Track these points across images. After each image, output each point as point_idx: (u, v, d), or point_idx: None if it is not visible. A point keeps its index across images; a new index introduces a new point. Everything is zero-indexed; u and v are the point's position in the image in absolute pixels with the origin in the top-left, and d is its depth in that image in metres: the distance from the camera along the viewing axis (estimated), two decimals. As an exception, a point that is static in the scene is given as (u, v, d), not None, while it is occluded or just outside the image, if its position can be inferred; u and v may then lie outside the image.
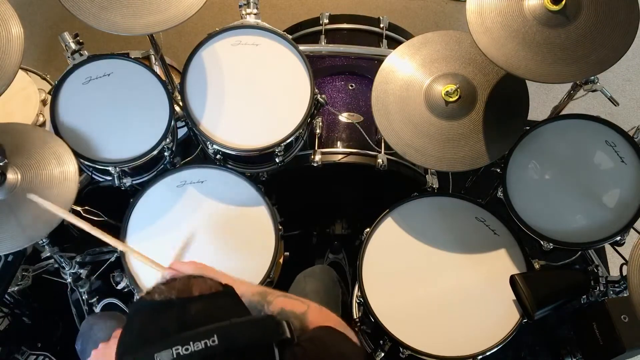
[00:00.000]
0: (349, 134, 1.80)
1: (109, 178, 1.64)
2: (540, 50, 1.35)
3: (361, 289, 1.52)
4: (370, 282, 1.53)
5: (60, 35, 1.62)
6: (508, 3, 1.38)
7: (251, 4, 1.72)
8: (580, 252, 1.78)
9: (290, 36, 1.69)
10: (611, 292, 1.65)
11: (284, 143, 1.60)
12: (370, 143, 1.73)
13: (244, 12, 1.72)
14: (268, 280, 1.52)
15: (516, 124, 1.55)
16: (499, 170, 1.63)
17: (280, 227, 1.59)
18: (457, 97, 1.54)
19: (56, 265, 1.73)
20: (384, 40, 1.94)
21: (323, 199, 2.01)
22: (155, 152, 1.60)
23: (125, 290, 1.54)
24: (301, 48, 1.67)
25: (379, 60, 1.78)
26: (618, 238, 1.53)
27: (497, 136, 1.53)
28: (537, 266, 1.56)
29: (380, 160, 1.69)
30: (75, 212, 1.55)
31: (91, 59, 1.64)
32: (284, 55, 1.67)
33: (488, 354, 1.44)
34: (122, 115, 1.62)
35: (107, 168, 1.59)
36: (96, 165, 1.59)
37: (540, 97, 2.44)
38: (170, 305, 0.75)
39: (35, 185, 1.40)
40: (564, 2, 1.34)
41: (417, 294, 1.52)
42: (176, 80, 1.88)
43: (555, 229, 1.55)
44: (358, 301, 1.61)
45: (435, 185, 1.78)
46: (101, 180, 1.68)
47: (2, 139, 1.42)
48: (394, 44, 1.92)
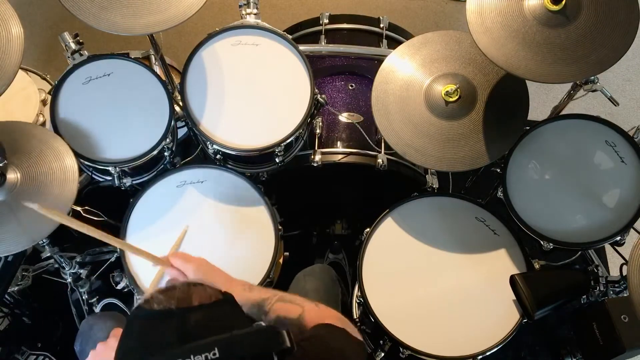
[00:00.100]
0: (349, 134, 1.80)
1: (109, 178, 1.64)
2: (540, 50, 1.35)
3: (361, 289, 1.52)
4: (370, 282, 1.53)
5: (60, 35, 1.62)
6: (508, 3, 1.38)
7: (251, 4, 1.72)
8: (580, 252, 1.78)
9: (290, 36, 1.69)
10: (611, 292, 1.65)
11: (284, 143, 1.60)
12: (370, 143, 1.73)
13: (244, 12, 1.73)
14: (268, 280, 1.52)
15: (516, 124, 1.55)
16: (499, 170, 1.63)
17: (280, 227, 1.59)
18: (457, 97, 1.54)
19: (56, 265, 1.73)
20: (384, 40, 1.94)
21: (323, 199, 2.01)
22: (155, 152, 1.60)
23: (125, 290, 1.55)
24: (301, 48, 1.67)
25: (379, 60, 1.78)
26: (618, 238, 1.53)
27: (497, 136, 1.53)
28: (537, 266, 1.56)
29: (380, 160, 1.69)
30: (75, 212, 1.55)
31: (91, 59, 1.64)
32: (284, 55, 1.67)
33: (488, 354, 1.44)
34: (122, 115, 1.62)
35: (107, 168, 1.59)
36: (96, 165, 1.59)
37: (540, 97, 2.44)
38: (169, 315, 0.73)
39: (35, 185, 1.40)
40: (564, 2, 1.34)
41: (417, 294, 1.52)
42: (176, 80, 1.88)
43: (555, 229, 1.55)
44: (358, 301, 1.61)
45: (435, 185, 1.78)
46: (101, 180, 1.68)
47: (2, 139, 1.42)
48: (394, 44, 1.92)
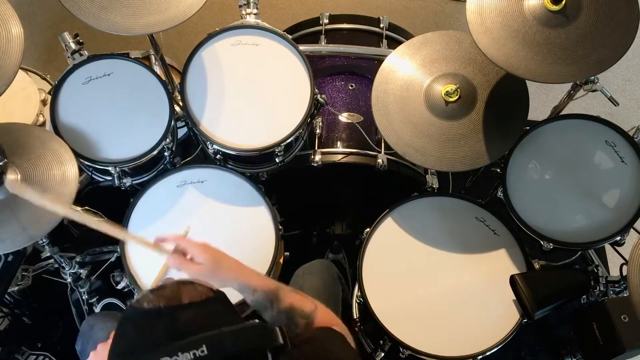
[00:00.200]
0: (349, 134, 1.80)
1: (109, 178, 1.64)
2: (540, 50, 1.35)
3: (361, 289, 1.52)
4: (370, 282, 1.53)
5: (60, 35, 1.62)
6: (508, 3, 1.38)
7: (251, 4, 1.72)
8: (580, 252, 1.78)
9: (290, 36, 1.69)
10: (611, 292, 1.65)
11: (284, 143, 1.60)
12: (370, 143, 1.73)
13: (244, 12, 1.73)
14: (268, 280, 1.52)
15: (516, 124, 1.55)
16: (499, 170, 1.63)
17: (280, 227, 1.59)
18: (457, 97, 1.54)
19: (56, 265, 1.73)
20: (384, 40, 1.94)
21: (323, 199, 2.01)
22: (155, 152, 1.60)
23: (125, 290, 1.55)
24: (301, 48, 1.67)
25: (379, 60, 1.78)
26: (618, 238, 1.53)
27: (497, 136, 1.53)
28: (537, 266, 1.56)
29: (380, 160, 1.69)
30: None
31: (91, 59, 1.64)
32: (284, 55, 1.67)
33: (488, 354, 1.44)
34: (122, 115, 1.62)
35: (107, 168, 1.59)
36: (96, 165, 1.59)
37: (540, 97, 2.44)
38: (159, 314, 0.73)
39: (35, 185, 1.40)
40: (564, 2, 1.34)
41: (417, 294, 1.52)
42: (176, 80, 1.88)
43: (555, 229, 1.55)
44: (358, 301, 1.61)
45: (435, 185, 1.78)
46: (101, 180, 1.69)
47: (2, 139, 1.42)
48: (394, 44, 1.92)
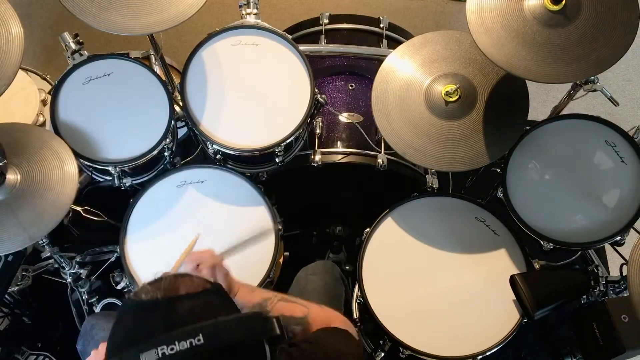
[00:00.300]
0: (349, 134, 1.79)
1: (109, 178, 1.64)
2: (540, 50, 1.35)
3: (361, 289, 1.52)
4: (370, 282, 1.53)
5: (60, 35, 1.62)
6: (508, 3, 1.38)
7: (251, 4, 1.72)
8: (580, 252, 1.78)
9: (290, 36, 1.69)
10: (611, 292, 1.65)
11: (284, 143, 1.60)
12: (370, 143, 1.73)
13: (244, 12, 1.73)
14: (268, 280, 1.52)
15: (516, 124, 1.55)
16: (499, 170, 1.63)
17: (280, 227, 1.59)
18: (457, 97, 1.54)
19: (56, 265, 1.73)
20: (384, 40, 1.94)
21: (323, 199, 2.01)
22: (155, 152, 1.60)
23: (125, 290, 1.55)
24: (301, 48, 1.67)
25: (379, 60, 1.78)
26: (618, 238, 1.53)
27: (497, 136, 1.53)
28: (537, 266, 1.56)
29: (380, 160, 1.69)
30: (75, 212, 1.55)
31: (91, 59, 1.64)
32: (284, 55, 1.67)
33: (488, 354, 1.44)
34: (122, 115, 1.62)
35: (107, 168, 1.59)
36: (96, 165, 1.59)
37: (540, 97, 2.44)
38: (156, 305, 0.74)
39: (35, 185, 1.40)
40: (564, 2, 1.34)
41: (417, 294, 1.52)
42: (176, 80, 1.88)
43: (555, 229, 1.55)
44: (358, 301, 1.61)
45: (435, 185, 1.78)
46: (101, 180, 1.68)
47: (2, 139, 1.42)
48: (394, 44, 1.92)
